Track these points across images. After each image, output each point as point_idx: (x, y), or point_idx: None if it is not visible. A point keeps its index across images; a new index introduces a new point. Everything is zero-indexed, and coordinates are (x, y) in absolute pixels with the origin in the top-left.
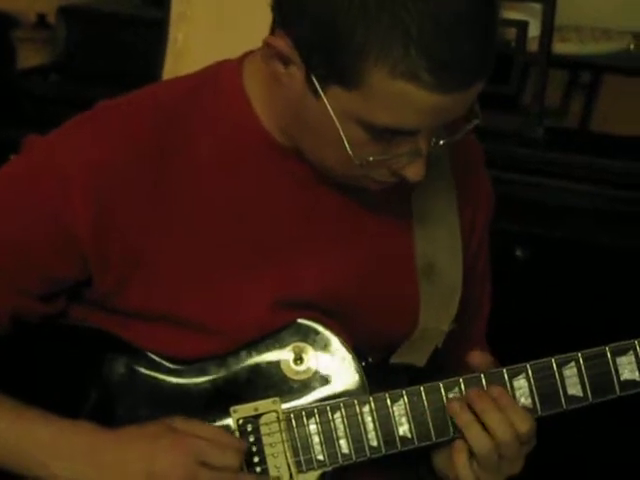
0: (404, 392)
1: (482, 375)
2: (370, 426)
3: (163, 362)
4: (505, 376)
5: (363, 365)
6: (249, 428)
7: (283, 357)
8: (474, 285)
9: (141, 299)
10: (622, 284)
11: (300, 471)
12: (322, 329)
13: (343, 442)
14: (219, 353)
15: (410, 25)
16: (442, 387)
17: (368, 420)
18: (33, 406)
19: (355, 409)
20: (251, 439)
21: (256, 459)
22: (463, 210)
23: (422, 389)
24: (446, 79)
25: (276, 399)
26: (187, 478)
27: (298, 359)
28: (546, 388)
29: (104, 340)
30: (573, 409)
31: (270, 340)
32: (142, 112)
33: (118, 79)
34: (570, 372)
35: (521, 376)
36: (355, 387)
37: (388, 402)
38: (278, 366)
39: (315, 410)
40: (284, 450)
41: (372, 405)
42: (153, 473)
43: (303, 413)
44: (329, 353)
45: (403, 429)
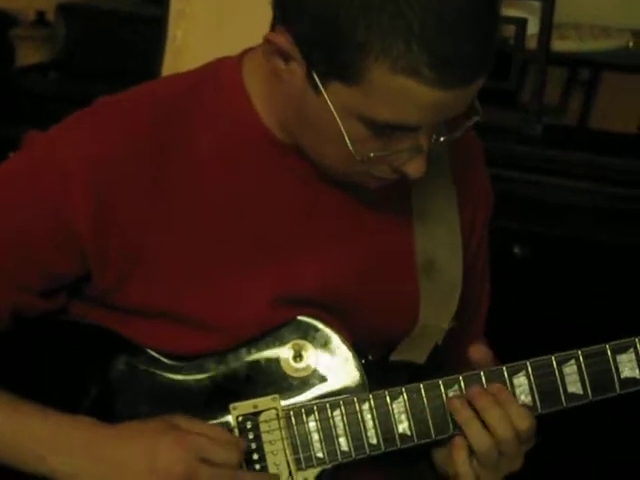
0: (404, 389)
1: (482, 372)
2: (370, 424)
3: (163, 359)
4: (505, 374)
5: (363, 362)
6: (248, 425)
7: (283, 354)
8: (474, 283)
9: (141, 295)
10: (622, 281)
11: (299, 468)
12: (322, 326)
13: (342, 440)
14: (219, 350)
15: (412, 21)
16: (442, 384)
17: (368, 418)
18: (31, 401)
19: (355, 407)
20: (250, 436)
21: (255, 456)
22: (463, 208)
23: (422, 386)
24: (447, 75)
25: (276, 396)
26: (187, 474)
27: (298, 356)
28: (546, 386)
29: (104, 337)
30: (573, 407)
31: (270, 337)
32: (142, 108)
33: (117, 77)
34: (570, 370)
35: (521, 374)
36: (355, 384)
37: (388, 399)
38: (278, 363)
39: (315, 407)
40: (283, 447)
41: (372, 403)
42: (154, 469)
43: (302, 410)
44: (329, 350)
45: (403, 426)
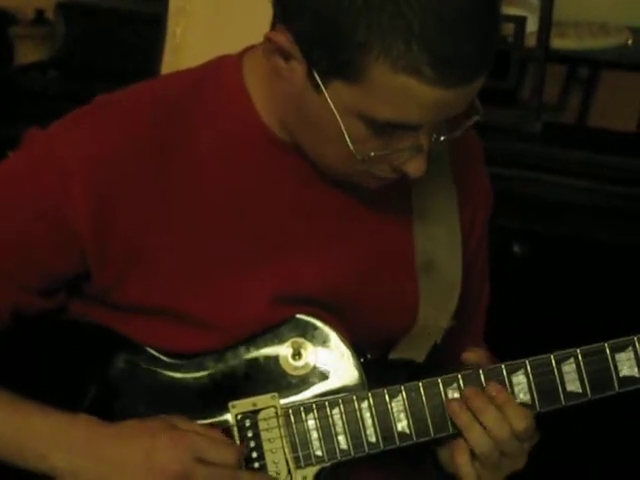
0: (403, 388)
1: (481, 371)
2: (369, 422)
3: (162, 357)
4: (504, 372)
5: (362, 361)
6: (247, 423)
7: (282, 352)
8: (473, 283)
9: (140, 294)
10: (620, 280)
11: (298, 467)
12: (321, 324)
13: (341, 438)
14: (218, 348)
15: (413, 20)
16: (441, 383)
17: (367, 416)
18: (32, 400)
19: (354, 405)
20: (249, 434)
21: (254, 455)
22: (463, 208)
23: (421, 385)
24: (448, 74)
25: (275, 394)
26: (185, 473)
27: (297, 354)
28: (545, 384)
29: (104, 335)
30: (572, 405)
31: (269, 335)
32: (142, 107)
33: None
34: (569, 368)
35: (520, 372)
36: (354, 383)
37: (387, 398)
38: (277, 361)
39: (314, 406)
40: (282, 446)
41: (371, 401)
42: (152, 468)
43: (302, 409)
44: (328, 349)
45: (402, 425)
